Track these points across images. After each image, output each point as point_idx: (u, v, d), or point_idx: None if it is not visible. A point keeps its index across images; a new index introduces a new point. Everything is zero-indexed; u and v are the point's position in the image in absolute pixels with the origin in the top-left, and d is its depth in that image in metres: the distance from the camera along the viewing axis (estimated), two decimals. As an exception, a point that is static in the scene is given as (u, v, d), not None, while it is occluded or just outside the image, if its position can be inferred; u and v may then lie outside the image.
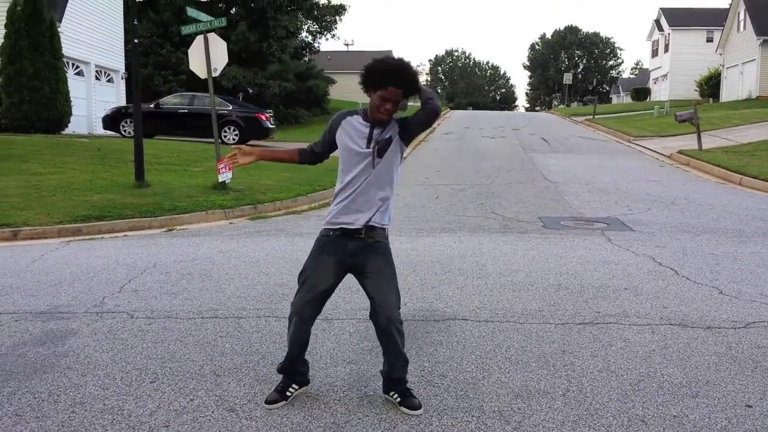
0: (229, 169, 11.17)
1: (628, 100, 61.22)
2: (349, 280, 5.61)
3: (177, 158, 14.97)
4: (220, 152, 11.64)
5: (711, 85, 41.42)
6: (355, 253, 3.43)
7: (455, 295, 5.64)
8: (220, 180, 11.08)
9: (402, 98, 3.35)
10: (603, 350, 4.33)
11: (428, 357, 4.23)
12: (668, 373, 3.98)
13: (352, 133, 3.43)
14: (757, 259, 6.95)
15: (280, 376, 3.64)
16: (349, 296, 5.56)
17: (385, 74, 3.31)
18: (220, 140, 14.96)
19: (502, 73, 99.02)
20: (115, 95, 25.29)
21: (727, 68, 40.00)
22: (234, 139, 19.74)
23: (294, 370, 3.61)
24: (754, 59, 35.29)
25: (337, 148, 3.55)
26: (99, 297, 5.56)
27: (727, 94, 39.21)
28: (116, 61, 25.18)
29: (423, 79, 58.32)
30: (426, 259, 6.95)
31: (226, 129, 19.69)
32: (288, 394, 3.57)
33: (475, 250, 7.43)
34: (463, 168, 15.92)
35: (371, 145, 3.36)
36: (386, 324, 3.38)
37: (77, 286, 5.93)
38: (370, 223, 3.41)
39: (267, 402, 3.53)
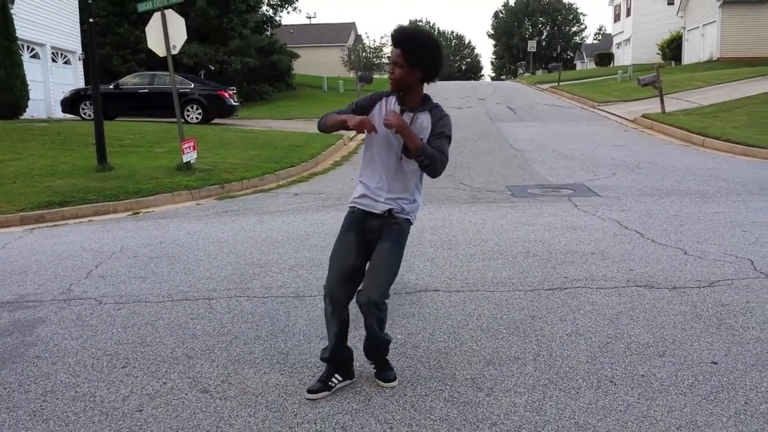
0: (194, 149, 11.01)
1: (592, 65, 61.56)
2: (319, 255, 5.59)
3: (140, 140, 14.70)
4: (183, 132, 11.46)
5: (673, 48, 41.83)
6: (374, 230, 3.37)
7: (426, 266, 5.67)
8: (185, 160, 10.92)
9: (407, 63, 3.15)
10: (572, 314, 4.40)
11: (401, 329, 4.26)
12: (635, 333, 4.07)
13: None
14: (720, 218, 7.10)
15: (254, 354, 3.63)
16: (321, 273, 5.55)
17: (393, 37, 3.22)
18: (182, 120, 14.72)
19: (467, 42, 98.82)
20: (73, 77, 24.62)
21: (688, 31, 40.40)
22: (197, 118, 19.44)
23: (337, 357, 3.44)
24: (715, 21, 35.69)
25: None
26: (66, 284, 5.47)
27: (688, 56, 39.66)
28: (73, 42, 24.47)
29: (388, 50, 57.83)
30: (396, 232, 6.95)
31: (188, 108, 19.36)
32: (331, 384, 3.41)
33: (444, 221, 7.47)
34: (430, 139, 15.91)
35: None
36: (364, 303, 3.31)
37: (43, 274, 5.83)
38: (392, 208, 3.35)
39: (309, 391, 3.37)
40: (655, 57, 42.93)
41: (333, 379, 3.44)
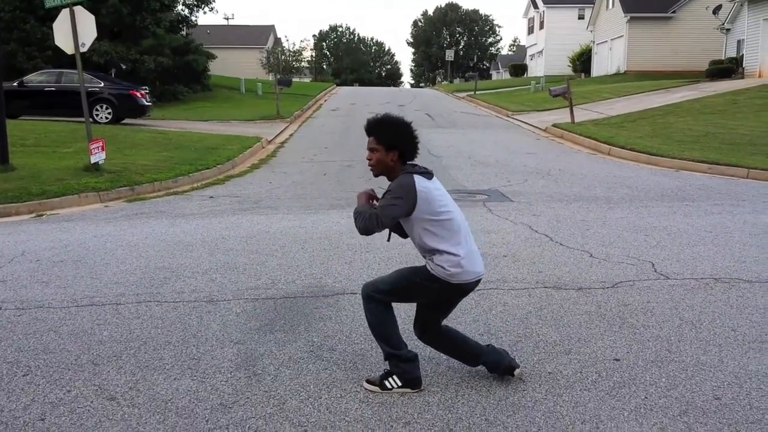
0: (103, 150, 10.59)
1: (506, 76, 63.41)
2: (234, 259, 5.50)
3: (45, 139, 13.99)
4: (91, 132, 11.00)
5: (583, 61, 43.66)
6: None
7: (344, 269, 5.68)
8: (92, 161, 10.47)
9: (383, 147, 3.39)
10: (484, 315, 4.51)
11: (317, 332, 4.24)
12: (543, 332, 4.21)
13: None
14: (624, 223, 7.45)
15: (164, 360, 3.53)
16: (236, 276, 5.47)
17: (366, 128, 3.45)
18: (91, 119, 14.15)
19: (386, 49, 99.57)
20: (-27, 73, 23.17)
21: (597, 44, 42.31)
22: (107, 118, 18.70)
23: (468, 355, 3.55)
24: (622, 35, 37.53)
25: None
26: (-41, 290, 5.13)
27: (597, 69, 41.52)
28: (-28, 35, 23.04)
29: (307, 54, 57.52)
30: (315, 236, 6.93)
31: (98, 107, 18.59)
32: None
33: (362, 224, 7.48)
34: (350, 144, 15.95)
35: None
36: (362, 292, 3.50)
37: (-67, 279, 5.45)
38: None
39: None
40: (566, 69, 44.73)
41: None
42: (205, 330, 4.28)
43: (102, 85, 19.00)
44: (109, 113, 18.82)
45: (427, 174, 3.41)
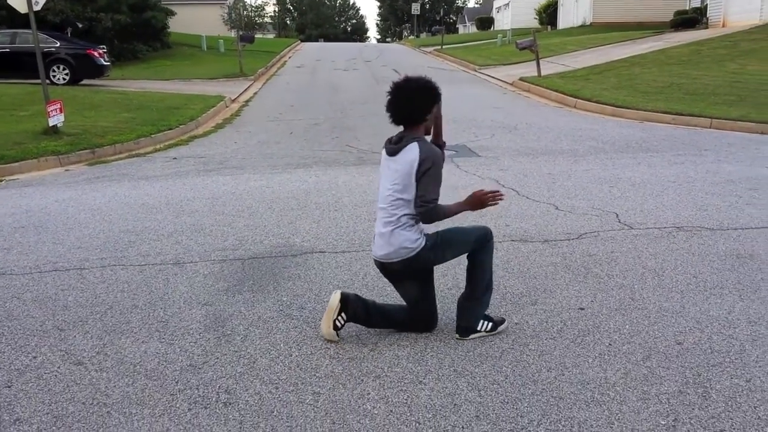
0: (61, 112, 10.30)
1: (473, 29, 62.93)
2: (200, 221, 5.42)
3: (0, 102, 13.55)
4: (48, 93, 10.67)
5: (549, 13, 43.47)
6: None
7: (312, 228, 5.65)
8: (51, 124, 10.19)
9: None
10: (452, 269, 4.54)
11: (287, 291, 4.24)
12: (510, 285, 4.27)
13: None
14: (589, 175, 7.53)
15: (131, 323, 3.49)
16: (202, 238, 5.41)
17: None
18: (48, 81, 13.72)
19: (351, 3, 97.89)
20: None
21: (563, -4, 42.09)
22: (64, 79, 18.15)
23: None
24: (587, -13, 37.37)
25: None
26: None
27: (564, 21, 41.39)
28: None
29: (270, 10, 56.26)
30: (282, 196, 6.87)
31: (54, 68, 18.02)
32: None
33: (331, 183, 7.45)
34: (316, 102, 15.75)
35: None
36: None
37: None
38: None
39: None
40: (533, 22, 44.52)
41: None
42: (172, 292, 4.24)
43: (58, 45, 18.39)
44: (66, 74, 18.27)
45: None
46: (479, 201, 3.41)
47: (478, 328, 3.49)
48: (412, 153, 3.34)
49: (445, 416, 2.81)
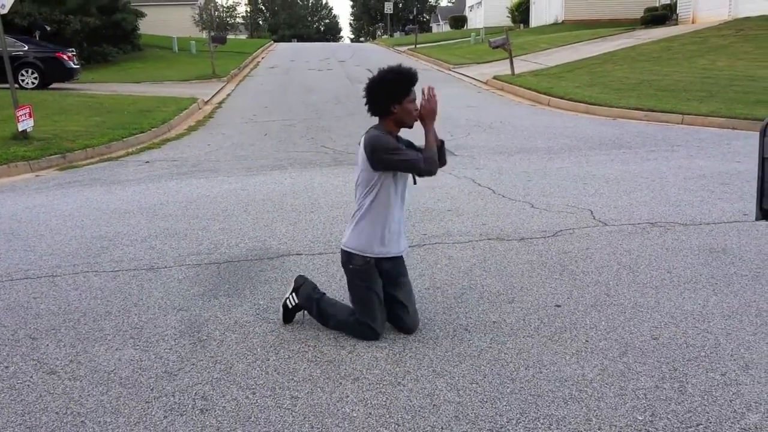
0: (30, 116, 10.11)
1: (447, 28, 63.11)
2: (174, 225, 5.37)
3: (-33, 107, 13.27)
4: (17, 98, 10.47)
5: (522, 12, 43.73)
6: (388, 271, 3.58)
7: (288, 231, 5.62)
8: (20, 129, 10.00)
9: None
10: (430, 269, 4.55)
11: (263, 295, 4.20)
12: (487, 283, 4.28)
13: None
14: (564, 173, 7.58)
15: (105, 330, 3.43)
16: (176, 242, 5.35)
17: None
18: (17, 85, 13.47)
19: (324, 3, 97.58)
20: None
21: (534, -5, 42.38)
22: (33, 83, 17.85)
23: None
24: (559, -15, 37.67)
25: None
26: None
27: (536, 19, 41.67)
28: None
29: (242, 10, 55.90)
30: (257, 198, 6.82)
31: (23, 72, 17.71)
32: None
33: (307, 185, 7.41)
34: (291, 103, 15.67)
35: None
36: (413, 329, 3.61)
37: None
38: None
39: None
40: (506, 20, 44.77)
41: None
42: (146, 298, 4.18)
43: (26, 48, 18.07)
44: (35, 78, 17.97)
45: None
46: (428, 111, 3.49)
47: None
48: (360, 148, 3.48)
49: (424, 417, 2.80)
